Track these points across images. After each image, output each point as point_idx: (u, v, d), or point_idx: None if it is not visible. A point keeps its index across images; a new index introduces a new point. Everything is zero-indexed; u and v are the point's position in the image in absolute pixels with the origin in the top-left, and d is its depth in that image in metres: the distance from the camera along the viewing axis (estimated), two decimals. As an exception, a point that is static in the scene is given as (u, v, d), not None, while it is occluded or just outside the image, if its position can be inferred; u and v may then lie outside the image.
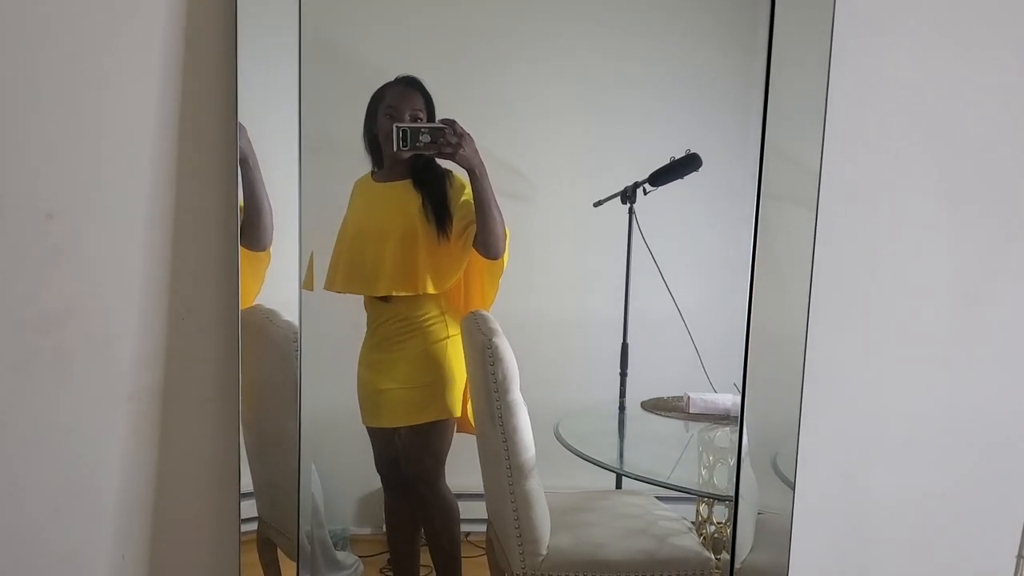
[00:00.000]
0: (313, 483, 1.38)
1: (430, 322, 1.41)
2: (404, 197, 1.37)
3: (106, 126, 1.21)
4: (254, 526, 1.31)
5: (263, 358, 1.29)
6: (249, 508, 1.30)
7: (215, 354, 1.28)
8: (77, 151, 1.21)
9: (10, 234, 1.21)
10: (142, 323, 1.26)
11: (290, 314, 1.28)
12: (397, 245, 1.38)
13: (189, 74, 1.21)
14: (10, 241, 1.22)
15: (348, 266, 1.38)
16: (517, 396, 1.35)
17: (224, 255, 1.26)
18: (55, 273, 1.23)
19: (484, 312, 1.39)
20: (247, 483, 1.29)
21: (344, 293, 1.39)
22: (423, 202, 1.37)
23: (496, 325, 1.37)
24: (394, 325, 1.41)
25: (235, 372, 1.27)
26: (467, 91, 1.38)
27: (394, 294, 1.39)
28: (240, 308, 1.25)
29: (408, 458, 1.45)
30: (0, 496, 1.27)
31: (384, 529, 1.47)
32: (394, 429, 1.44)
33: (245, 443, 1.29)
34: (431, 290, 1.39)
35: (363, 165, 1.38)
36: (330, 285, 1.38)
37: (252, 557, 1.31)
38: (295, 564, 1.31)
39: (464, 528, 1.48)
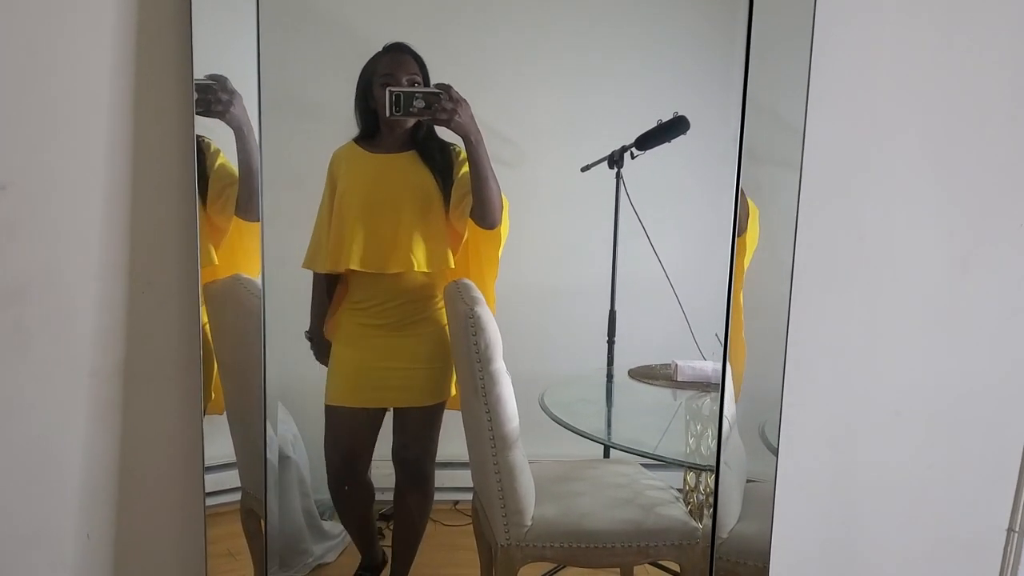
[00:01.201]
0: (299, 453, 1.38)
1: (440, 303, 1.39)
2: (411, 170, 1.35)
3: (59, 94, 1.17)
4: (218, 499, 1.29)
5: (242, 329, 1.27)
6: (219, 481, 1.29)
7: (177, 328, 1.26)
8: (29, 120, 1.17)
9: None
10: (101, 298, 1.23)
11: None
12: (417, 220, 1.35)
13: (144, 39, 1.18)
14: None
15: (365, 243, 1.34)
16: (500, 366, 1.33)
17: (183, 227, 1.23)
18: (10, 247, 1.19)
19: (467, 280, 1.37)
20: (211, 456, 1.27)
21: (360, 271, 1.35)
22: (433, 175, 1.34)
23: (479, 294, 1.35)
24: (404, 305, 1.38)
25: (197, 346, 1.25)
26: (453, 56, 1.34)
27: (416, 271, 1.36)
28: (200, 280, 1.23)
29: (412, 439, 1.43)
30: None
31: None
32: (384, 409, 1.42)
33: (227, 415, 1.28)
34: (451, 265, 1.36)
35: (345, 134, 1.35)
36: (337, 264, 1.34)
37: (217, 531, 1.30)
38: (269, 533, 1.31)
39: (452, 497, 1.48)
